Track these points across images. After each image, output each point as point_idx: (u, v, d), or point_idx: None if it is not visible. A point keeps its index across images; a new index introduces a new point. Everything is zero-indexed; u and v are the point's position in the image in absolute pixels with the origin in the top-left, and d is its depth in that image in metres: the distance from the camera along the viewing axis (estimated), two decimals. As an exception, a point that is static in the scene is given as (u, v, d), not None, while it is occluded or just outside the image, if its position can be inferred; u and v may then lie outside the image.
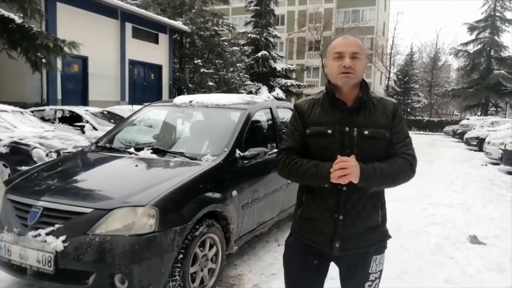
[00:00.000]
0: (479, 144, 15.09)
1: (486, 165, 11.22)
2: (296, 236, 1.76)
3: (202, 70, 19.32)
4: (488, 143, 11.91)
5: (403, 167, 1.61)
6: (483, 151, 12.87)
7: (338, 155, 1.53)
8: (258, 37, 24.09)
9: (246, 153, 3.34)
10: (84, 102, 13.51)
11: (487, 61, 31.41)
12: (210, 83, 19.32)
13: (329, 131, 1.62)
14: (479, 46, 31.79)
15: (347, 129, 1.61)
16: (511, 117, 30.97)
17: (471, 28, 31.94)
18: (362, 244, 1.65)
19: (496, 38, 31.02)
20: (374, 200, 1.66)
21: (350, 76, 1.60)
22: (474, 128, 18.12)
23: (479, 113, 32.01)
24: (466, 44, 32.38)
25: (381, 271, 1.74)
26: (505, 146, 9.86)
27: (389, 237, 1.75)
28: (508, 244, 4.27)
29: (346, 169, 1.49)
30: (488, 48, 31.24)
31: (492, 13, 31.03)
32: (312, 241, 1.70)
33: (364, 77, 1.72)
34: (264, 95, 18.42)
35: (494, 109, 33.57)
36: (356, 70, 1.60)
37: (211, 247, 2.94)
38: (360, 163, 1.52)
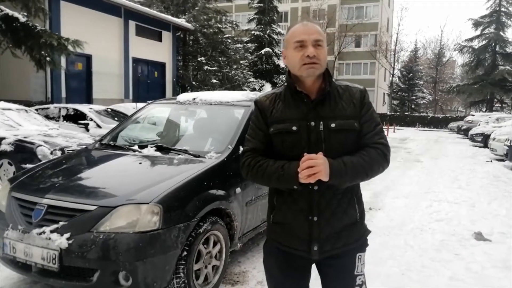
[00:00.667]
0: (484, 140, 14.98)
1: (491, 161, 11.14)
2: (272, 243, 1.65)
3: (205, 67, 19.33)
4: (493, 139, 11.82)
5: (375, 158, 1.49)
6: (488, 148, 12.78)
7: (305, 153, 1.41)
8: (262, 34, 24.05)
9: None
10: (88, 100, 13.57)
11: (492, 57, 31.17)
12: (214, 81, 19.33)
13: (294, 128, 1.49)
14: (484, 42, 31.53)
15: (312, 123, 1.48)
16: (516, 113, 30.74)
17: (476, 24, 31.69)
18: (341, 243, 1.54)
19: (501, 33, 30.76)
20: (349, 195, 1.55)
21: (315, 67, 1.47)
22: (479, 124, 18.00)
23: (484, 109, 31.81)
24: (471, 39, 32.13)
25: (363, 273, 1.61)
26: (510, 142, 9.78)
27: (369, 231, 1.65)
28: (513, 241, 4.24)
29: (313, 168, 1.37)
30: (493, 44, 30.98)
31: (497, 9, 30.76)
32: (288, 247, 1.58)
33: (368, 73, 1.64)
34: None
35: (499, 105, 33.35)
36: (321, 59, 1.48)
37: (215, 244, 2.94)
38: (329, 159, 1.41)
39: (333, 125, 1.48)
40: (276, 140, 1.54)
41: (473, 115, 24.17)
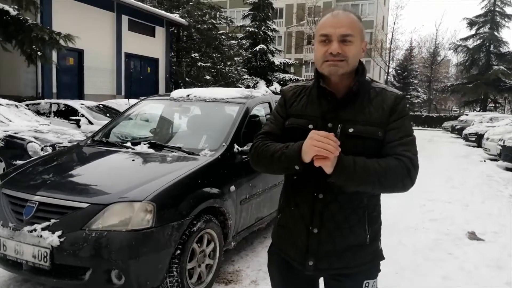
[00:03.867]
0: (477, 140, 15.09)
1: (484, 161, 11.23)
2: (275, 248, 1.54)
3: (199, 63, 19.21)
4: (487, 139, 11.91)
5: (394, 168, 1.28)
6: (481, 147, 12.87)
7: (313, 129, 1.27)
8: (256, 30, 23.93)
9: (245, 148, 3.30)
10: (80, 95, 13.43)
11: (486, 57, 31.36)
12: (208, 77, 19.23)
13: (310, 126, 1.35)
14: (478, 41, 31.71)
15: (330, 125, 1.34)
16: (510, 113, 31.05)
17: (471, 23, 31.85)
18: (341, 264, 1.38)
19: (495, 33, 30.94)
20: (361, 212, 1.37)
21: (338, 65, 1.31)
22: (472, 124, 18.13)
23: (478, 109, 32.02)
24: (466, 39, 32.30)
25: None
26: (503, 142, 9.86)
27: (382, 258, 1.47)
28: (506, 240, 4.26)
29: (327, 149, 1.19)
30: (487, 44, 31.17)
31: (492, 8, 30.93)
32: (286, 254, 1.46)
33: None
34: (262, 90, 18.34)
35: (493, 105, 33.60)
36: (348, 56, 1.31)
37: (208, 243, 2.91)
38: (340, 152, 1.23)
39: (351, 130, 1.32)
40: (291, 136, 1.39)
41: (467, 115, 24.36)
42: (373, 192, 1.36)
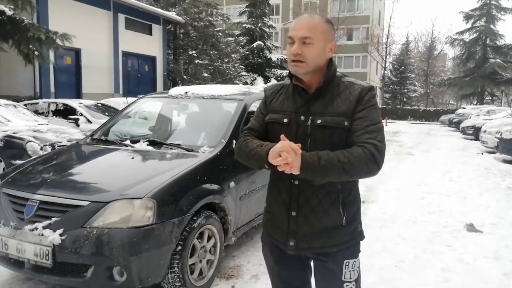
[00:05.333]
0: (475, 133, 15.15)
1: (482, 153, 11.27)
2: (265, 233, 1.67)
3: (196, 61, 19.19)
4: (484, 132, 11.95)
5: (358, 155, 1.37)
6: (479, 140, 12.92)
7: (283, 136, 1.37)
8: (253, 27, 23.90)
9: (243, 144, 3.30)
10: (78, 94, 13.42)
11: (482, 50, 31.41)
12: (205, 74, 19.21)
13: (285, 120, 1.51)
14: (474, 35, 31.74)
15: (302, 118, 1.48)
16: (507, 105, 31.07)
17: (467, 17, 31.86)
18: (318, 244, 1.49)
19: (491, 26, 30.97)
20: (334, 196, 1.47)
21: (299, 65, 1.44)
22: (470, 117, 18.18)
23: (475, 102, 32.09)
24: (462, 33, 32.32)
25: (356, 280, 1.55)
26: (501, 135, 9.90)
27: (362, 237, 1.58)
28: (504, 232, 4.30)
29: (283, 158, 1.32)
30: (483, 37, 31.20)
31: (488, 1, 30.93)
32: (271, 237, 1.61)
33: (360, 66, 1.59)
34: (259, 86, 18.33)
35: (490, 98, 33.69)
36: (307, 57, 1.43)
37: (209, 238, 2.93)
38: (303, 152, 1.35)
39: (319, 121, 1.45)
40: (270, 129, 1.57)
41: (464, 108, 24.42)
42: (340, 180, 1.44)
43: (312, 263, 1.62)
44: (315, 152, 1.37)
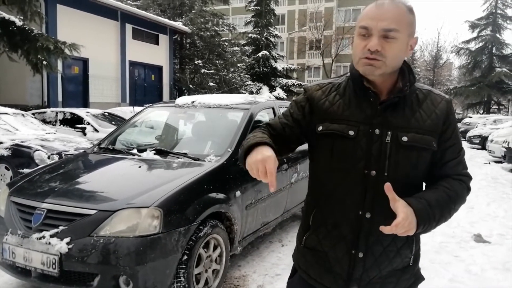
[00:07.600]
0: (481, 142, 15.05)
1: (489, 163, 11.19)
2: (301, 274, 1.29)
3: (202, 70, 19.35)
4: (491, 141, 11.87)
5: (462, 194, 1.16)
6: (486, 149, 12.83)
7: (388, 185, 1.06)
8: (259, 37, 24.09)
9: (250, 153, 3.31)
10: (85, 104, 13.54)
11: (489, 59, 31.31)
12: (211, 84, 19.35)
13: (351, 133, 1.15)
14: (480, 44, 31.68)
15: (377, 131, 1.14)
16: (513, 114, 30.89)
17: (473, 26, 31.84)
18: None
19: (497, 35, 30.91)
20: None
21: (374, 64, 1.11)
22: (476, 127, 18.09)
23: (482, 111, 31.91)
24: (468, 42, 32.29)
25: None
26: (508, 144, 9.83)
27: (422, 279, 1.30)
28: (513, 242, 4.25)
29: (402, 225, 1.05)
30: (489, 46, 31.13)
31: (494, 11, 30.92)
32: (317, 282, 1.24)
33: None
34: (265, 95, 18.41)
35: (497, 107, 33.48)
36: (387, 56, 1.11)
37: (215, 248, 2.93)
38: (413, 202, 1.07)
39: (405, 138, 1.13)
40: (323, 143, 1.20)
41: (470, 117, 24.29)
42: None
43: None
44: (423, 201, 1.10)
